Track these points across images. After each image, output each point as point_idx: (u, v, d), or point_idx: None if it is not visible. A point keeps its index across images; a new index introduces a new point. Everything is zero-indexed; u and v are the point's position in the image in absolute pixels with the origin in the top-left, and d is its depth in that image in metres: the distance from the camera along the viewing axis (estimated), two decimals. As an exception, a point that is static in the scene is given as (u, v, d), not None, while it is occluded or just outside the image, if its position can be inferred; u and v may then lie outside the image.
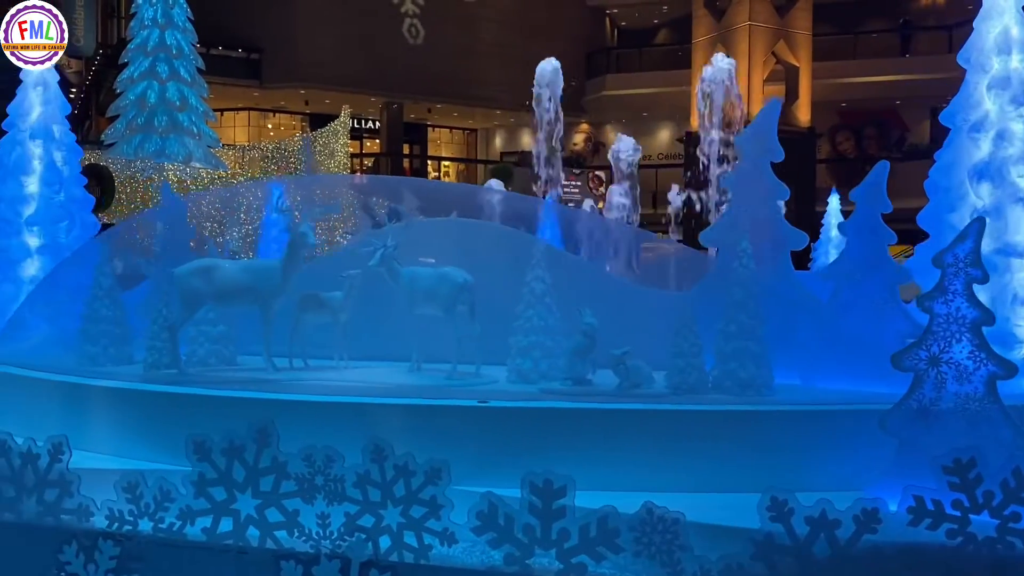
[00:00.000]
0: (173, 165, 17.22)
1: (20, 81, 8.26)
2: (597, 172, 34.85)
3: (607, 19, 37.31)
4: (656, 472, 4.77)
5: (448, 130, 39.86)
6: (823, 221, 16.39)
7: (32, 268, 8.08)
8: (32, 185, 8.14)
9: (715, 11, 25.96)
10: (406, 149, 36.76)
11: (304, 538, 4.61)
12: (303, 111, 35.23)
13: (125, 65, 19.65)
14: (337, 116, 21.21)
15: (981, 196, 6.65)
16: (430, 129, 39.11)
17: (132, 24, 18.94)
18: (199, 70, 18.89)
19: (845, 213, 10.45)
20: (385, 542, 4.49)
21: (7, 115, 8.30)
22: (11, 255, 8.02)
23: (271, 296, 6.20)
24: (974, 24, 7.04)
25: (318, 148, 22.77)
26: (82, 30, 29.93)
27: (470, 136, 40.30)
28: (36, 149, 8.18)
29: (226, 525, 4.73)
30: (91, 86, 36.73)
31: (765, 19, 24.81)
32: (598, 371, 5.78)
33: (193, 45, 18.70)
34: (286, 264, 6.22)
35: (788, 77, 25.26)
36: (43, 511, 5.07)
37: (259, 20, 30.72)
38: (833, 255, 12.70)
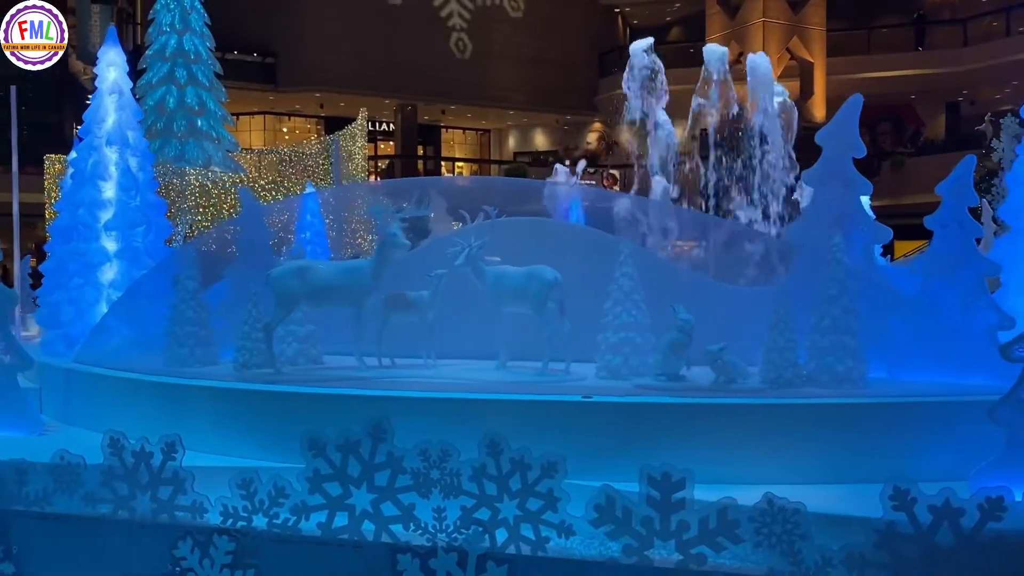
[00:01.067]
0: (194, 170, 17.48)
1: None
2: (611, 171, 35.03)
3: (619, 17, 37.51)
4: (764, 465, 4.87)
5: (461, 131, 40.17)
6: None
7: (111, 272, 8.30)
8: (109, 190, 8.36)
9: (728, 8, 26.08)
10: (420, 151, 37.13)
11: (420, 531, 4.75)
12: (318, 114, 35.67)
13: (143, 71, 20.02)
14: (352, 119, 21.44)
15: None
16: (443, 130, 39.44)
17: (150, 30, 19.25)
18: (217, 74, 19.16)
19: (874, 208, 10.37)
20: (502, 535, 4.62)
21: (83, 123, 8.53)
22: (90, 259, 8.24)
23: (363, 296, 6.37)
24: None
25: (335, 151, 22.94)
26: (98, 37, 30.29)
27: (483, 137, 40.60)
28: (112, 155, 8.40)
29: (341, 520, 4.88)
30: None
31: (779, 15, 24.94)
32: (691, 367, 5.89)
33: (210, 50, 18.95)
34: (376, 264, 6.38)
35: (802, 73, 25.35)
36: (157, 508, 5.24)
37: (273, 24, 31.14)
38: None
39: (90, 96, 8.59)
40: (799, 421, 5.02)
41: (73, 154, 14.81)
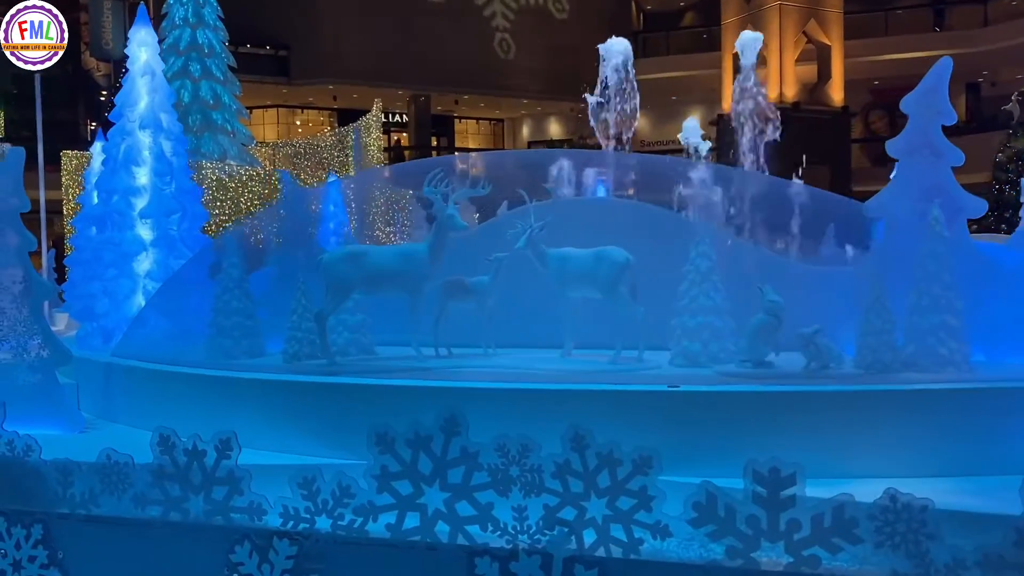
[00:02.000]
0: (210, 164, 17.34)
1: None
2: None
3: (632, 3, 37.36)
4: (876, 457, 4.50)
5: (475, 121, 40.42)
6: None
7: (147, 262, 8.01)
8: (143, 177, 8.07)
9: None
10: (434, 142, 37.06)
11: (499, 533, 4.43)
12: (331, 106, 35.92)
13: None
14: (365, 110, 21.31)
15: None
16: (457, 121, 39.42)
17: (163, 24, 19.14)
18: (231, 68, 18.98)
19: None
20: (590, 536, 4.29)
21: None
22: (126, 248, 7.96)
23: (420, 281, 6.05)
24: None
25: (350, 143, 22.81)
26: (110, 34, 30.40)
27: (496, 127, 40.67)
28: (145, 139, 8.11)
29: (412, 520, 4.56)
30: (120, 88, 37.16)
31: None
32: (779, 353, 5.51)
33: (224, 43, 18.78)
34: (433, 248, 6.05)
35: (820, 56, 25.06)
36: (212, 510, 4.94)
37: (286, 17, 31.22)
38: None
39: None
40: (914, 410, 4.64)
41: (98, 145, 14.65)
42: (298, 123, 37.36)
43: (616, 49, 9.87)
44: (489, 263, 6.30)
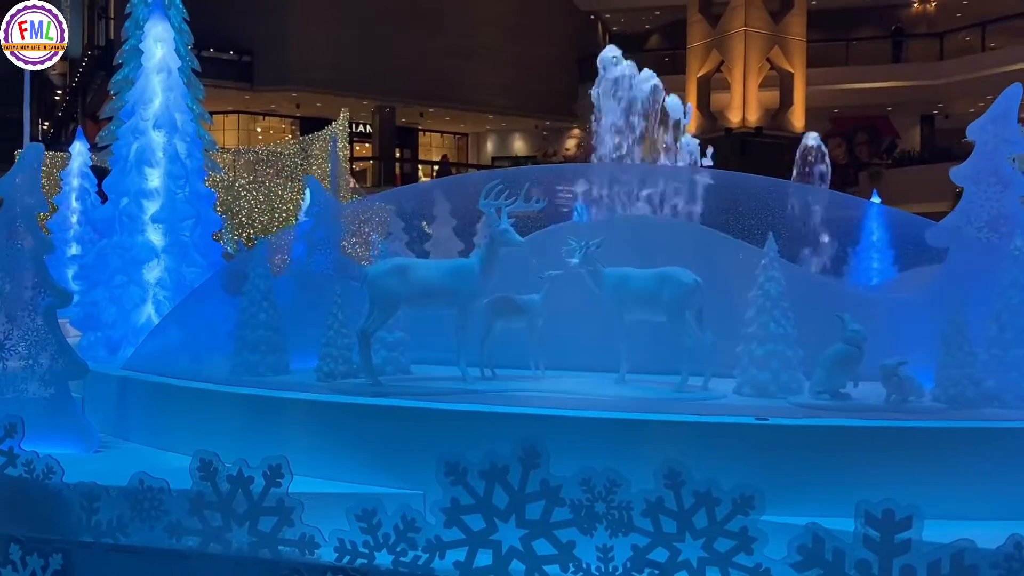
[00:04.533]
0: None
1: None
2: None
3: (599, 24, 38.18)
4: (993, 499, 4.32)
5: (439, 134, 40.62)
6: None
7: (157, 270, 7.64)
8: (155, 179, 7.71)
9: (710, 16, 26.37)
10: (397, 153, 37.33)
11: (581, 573, 4.19)
12: (294, 114, 36.09)
13: (118, 67, 19.46)
14: (329, 120, 21.17)
15: None
16: (421, 133, 39.63)
17: (127, 24, 18.72)
18: (195, 72, 18.66)
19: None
20: (683, 579, 4.05)
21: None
22: (136, 254, 7.58)
23: (471, 298, 5.79)
24: None
25: (315, 151, 22.60)
26: (68, 31, 29.95)
27: (461, 141, 41.03)
28: (159, 139, 7.75)
29: (484, 558, 4.30)
30: (77, 88, 36.63)
31: (760, 25, 25.18)
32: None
33: (188, 47, 18.45)
34: (485, 264, 5.79)
35: (782, 83, 25.51)
36: (257, 542, 4.63)
37: (250, 22, 31.15)
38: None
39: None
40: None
41: (77, 145, 14.15)
42: (259, 130, 37.32)
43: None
44: (541, 281, 6.06)
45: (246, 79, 32.35)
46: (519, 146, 39.98)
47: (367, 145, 37.58)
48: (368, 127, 36.88)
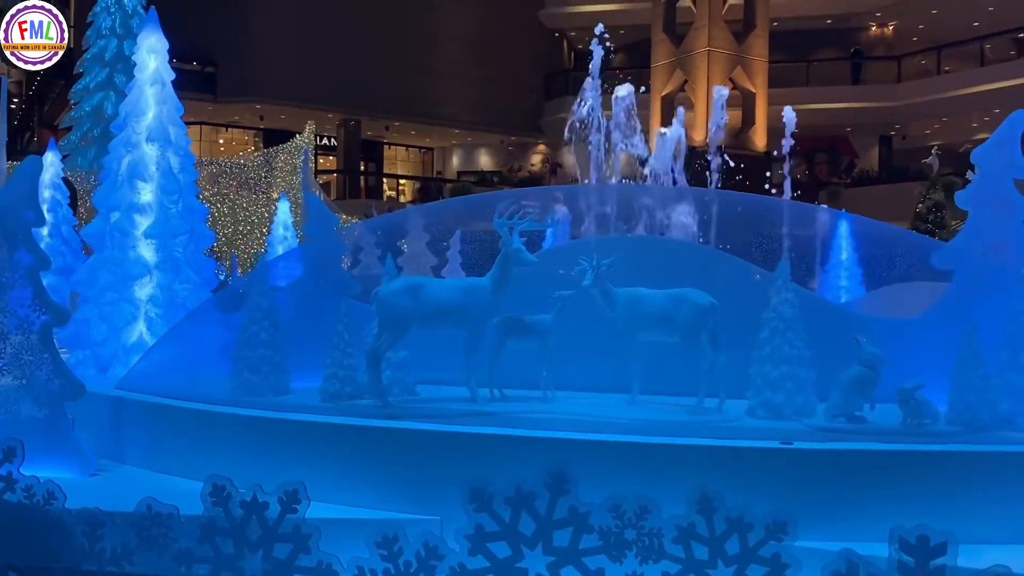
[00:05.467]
0: None
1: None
2: (556, 193, 35.21)
3: (565, 42, 38.72)
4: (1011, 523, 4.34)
5: (405, 148, 40.94)
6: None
7: (149, 286, 7.46)
8: (147, 193, 7.54)
9: (674, 36, 26.85)
10: (362, 167, 37.45)
11: (611, 602, 4.11)
12: (257, 126, 35.87)
13: (78, 76, 19.26)
14: (292, 132, 21.10)
15: None
16: (387, 147, 39.65)
17: (88, 33, 18.56)
18: None
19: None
20: (714, 606, 4.00)
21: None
22: (127, 271, 7.39)
23: (483, 318, 5.73)
24: None
25: (280, 164, 22.46)
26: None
27: (426, 155, 41.14)
28: (152, 153, 7.60)
29: (510, 586, 4.20)
30: (34, 96, 36.06)
31: (723, 45, 25.66)
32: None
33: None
34: (497, 283, 5.73)
35: (744, 103, 26.03)
36: (271, 569, 4.52)
37: (214, 33, 30.88)
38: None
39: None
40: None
41: (49, 155, 13.85)
42: (221, 141, 37.01)
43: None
44: (553, 301, 6.02)
45: (209, 90, 32.10)
46: (485, 161, 40.16)
47: (331, 158, 37.47)
48: (333, 140, 36.82)
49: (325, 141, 37.09)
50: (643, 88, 10.19)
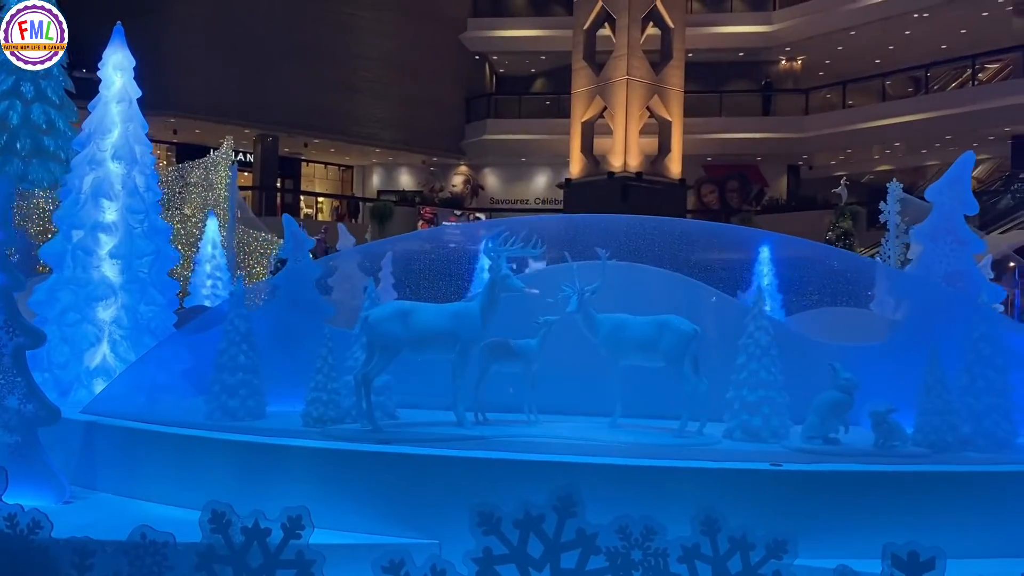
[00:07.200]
0: (44, 191, 16.24)
1: None
2: (477, 214, 36.12)
3: (487, 65, 39.45)
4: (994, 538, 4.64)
5: (323, 166, 40.56)
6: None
7: (113, 308, 7.27)
8: (112, 213, 7.37)
9: (594, 64, 27.75)
10: (279, 183, 37.23)
11: (617, 621, 4.23)
12: (170, 140, 35.02)
13: None
14: (207, 147, 20.80)
15: None
16: (304, 164, 39.44)
17: None
18: (68, 92, 17.95)
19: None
20: (717, 624, 4.16)
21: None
22: (91, 291, 7.20)
23: (472, 342, 5.82)
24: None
25: (194, 179, 22.16)
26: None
27: (346, 173, 41.05)
28: (118, 171, 7.44)
29: (517, 608, 4.28)
30: None
31: (641, 74, 26.57)
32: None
33: (63, 66, 17.85)
34: (485, 308, 5.83)
35: (661, 130, 27.03)
36: (273, 596, 4.46)
37: (129, 42, 29.86)
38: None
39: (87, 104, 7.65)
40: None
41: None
42: None
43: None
44: (537, 326, 6.14)
45: (120, 102, 31.40)
46: (406, 180, 40.24)
47: (247, 174, 36.90)
48: (250, 156, 36.28)
49: (241, 156, 36.53)
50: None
